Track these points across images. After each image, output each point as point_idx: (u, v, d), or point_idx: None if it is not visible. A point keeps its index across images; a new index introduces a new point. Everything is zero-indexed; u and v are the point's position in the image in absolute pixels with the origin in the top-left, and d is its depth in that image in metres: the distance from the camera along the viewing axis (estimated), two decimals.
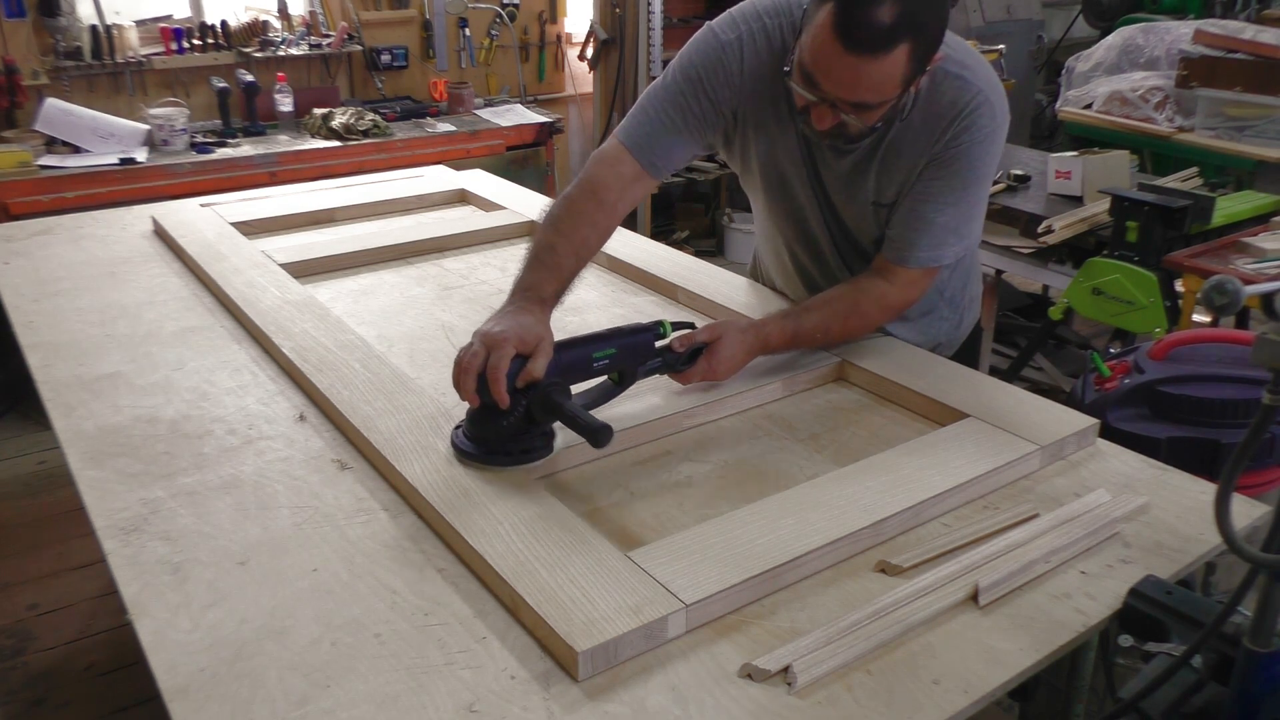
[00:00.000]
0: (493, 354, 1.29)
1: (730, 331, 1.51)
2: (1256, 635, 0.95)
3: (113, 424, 1.47)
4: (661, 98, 1.60)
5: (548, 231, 1.53)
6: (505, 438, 1.33)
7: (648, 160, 1.58)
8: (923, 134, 1.53)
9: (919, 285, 1.63)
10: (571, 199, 1.56)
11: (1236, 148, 3.82)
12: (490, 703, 0.97)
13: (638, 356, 1.45)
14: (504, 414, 1.31)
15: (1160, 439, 1.83)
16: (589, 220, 1.54)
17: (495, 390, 1.28)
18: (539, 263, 1.50)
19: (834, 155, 1.60)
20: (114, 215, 2.46)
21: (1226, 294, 0.85)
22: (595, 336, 1.42)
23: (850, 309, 1.62)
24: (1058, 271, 3.22)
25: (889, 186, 1.59)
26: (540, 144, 4.55)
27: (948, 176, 1.54)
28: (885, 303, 1.63)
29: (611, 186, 1.57)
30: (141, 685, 1.44)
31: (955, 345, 1.88)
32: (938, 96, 1.51)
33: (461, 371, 1.30)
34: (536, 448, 1.35)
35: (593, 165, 1.60)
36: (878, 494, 1.26)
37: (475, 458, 1.33)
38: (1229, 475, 0.91)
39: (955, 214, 1.56)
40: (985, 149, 1.53)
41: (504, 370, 1.28)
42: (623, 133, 1.61)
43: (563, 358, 1.36)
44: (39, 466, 3.43)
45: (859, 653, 1.03)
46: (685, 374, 1.50)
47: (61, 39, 3.80)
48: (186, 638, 1.05)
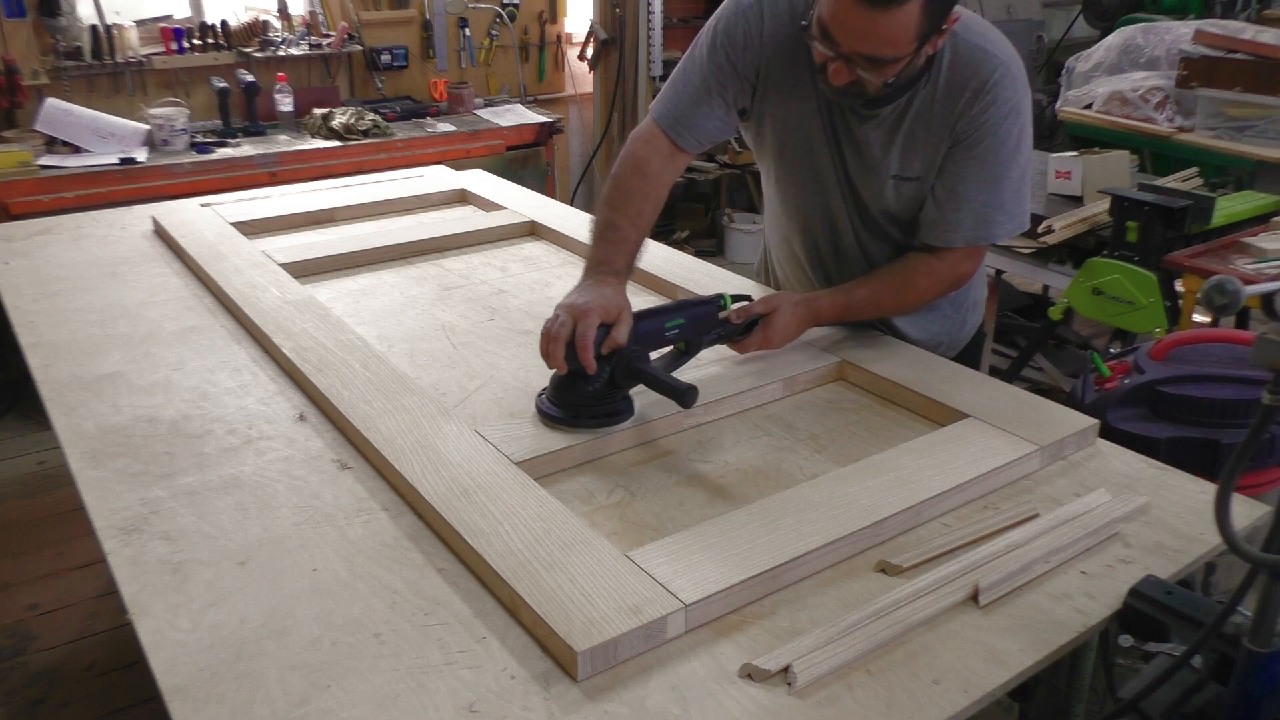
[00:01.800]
0: (580, 323, 1.38)
1: (785, 304, 1.60)
2: (1256, 635, 0.95)
3: (113, 424, 1.47)
4: (688, 69, 1.66)
5: (605, 211, 1.62)
6: (591, 401, 1.42)
7: (678, 134, 1.65)
8: (946, 106, 1.54)
9: (969, 262, 1.67)
10: (619, 177, 1.64)
11: (1236, 148, 3.82)
12: (490, 703, 0.97)
13: (702, 327, 1.55)
14: (590, 379, 1.41)
15: (1160, 439, 1.83)
16: (640, 193, 1.62)
17: (584, 357, 1.37)
18: (604, 240, 1.59)
19: (857, 121, 1.61)
20: (114, 215, 2.46)
21: (1226, 294, 0.85)
22: (666, 308, 1.54)
23: (902, 282, 1.67)
24: (1058, 271, 3.22)
25: (913, 159, 1.60)
26: (540, 144, 4.55)
27: (981, 155, 1.55)
28: (936, 276, 1.66)
29: (652, 160, 1.65)
30: (141, 685, 1.44)
31: (957, 347, 1.88)
32: (960, 68, 1.53)
33: (551, 340, 1.39)
34: (621, 410, 1.46)
35: (631, 144, 1.68)
36: (878, 494, 1.26)
37: (564, 421, 1.43)
38: (1229, 475, 0.91)
39: (996, 191, 1.58)
40: (1013, 123, 1.54)
41: (592, 338, 1.38)
42: (655, 110, 1.68)
43: (640, 327, 1.46)
44: (39, 466, 3.43)
45: (859, 653, 1.03)
46: (742, 344, 1.59)
47: (61, 39, 3.80)
48: (186, 638, 1.05)
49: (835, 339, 1.72)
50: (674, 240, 5.28)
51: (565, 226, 2.29)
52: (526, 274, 2.11)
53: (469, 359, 1.71)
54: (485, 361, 1.70)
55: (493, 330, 1.82)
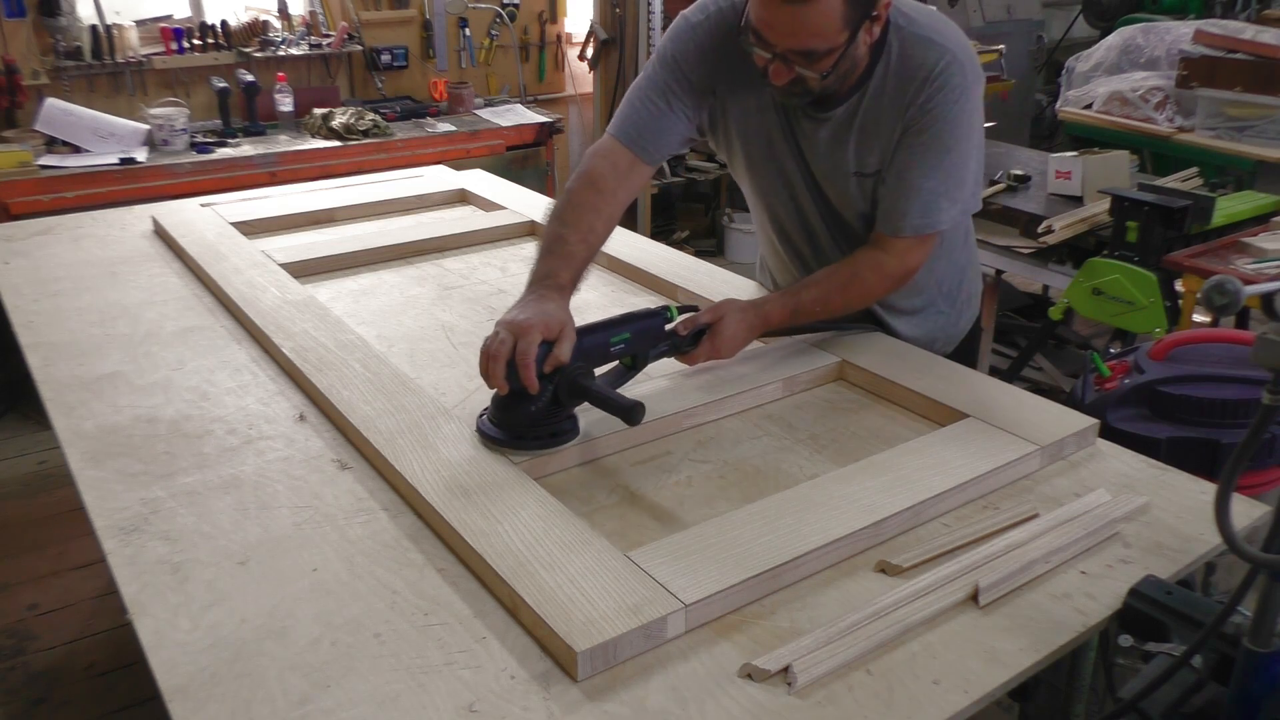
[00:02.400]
0: (520, 340, 1.33)
1: (731, 312, 1.56)
2: (1256, 635, 0.95)
3: (113, 424, 1.47)
4: (644, 87, 1.66)
5: (554, 224, 1.58)
6: (534, 422, 1.37)
7: (639, 147, 1.64)
8: (896, 99, 1.55)
9: (916, 253, 1.63)
10: (572, 192, 1.62)
11: (1236, 148, 3.82)
12: (490, 703, 0.97)
13: (649, 340, 1.50)
14: (533, 399, 1.35)
15: (1160, 439, 1.83)
16: (591, 208, 1.59)
17: (525, 376, 1.32)
18: (551, 253, 1.54)
19: (811, 125, 1.62)
20: (114, 215, 2.46)
21: (1226, 294, 0.85)
22: (610, 322, 1.47)
23: (849, 279, 1.64)
24: (1058, 271, 3.22)
25: (869, 155, 1.60)
26: (540, 144, 4.55)
27: (928, 141, 1.55)
28: (884, 271, 1.63)
29: (608, 176, 1.62)
30: (141, 685, 1.44)
31: (954, 342, 1.88)
32: (907, 60, 1.53)
33: (490, 359, 1.33)
34: (565, 430, 1.40)
35: (588, 160, 1.65)
36: (878, 494, 1.26)
37: (504, 443, 1.36)
38: (1229, 475, 0.91)
39: (942, 177, 1.57)
40: (961, 108, 1.54)
41: (533, 356, 1.32)
42: (612, 127, 1.67)
43: (583, 343, 1.40)
44: (39, 466, 3.43)
45: (859, 653, 1.03)
46: (691, 355, 1.55)
47: (61, 39, 3.80)
48: (186, 638, 1.05)
49: (835, 339, 1.72)
50: (674, 240, 5.28)
51: None
52: (526, 274, 2.10)
53: (469, 359, 1.71)
54: None
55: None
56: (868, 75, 1.55)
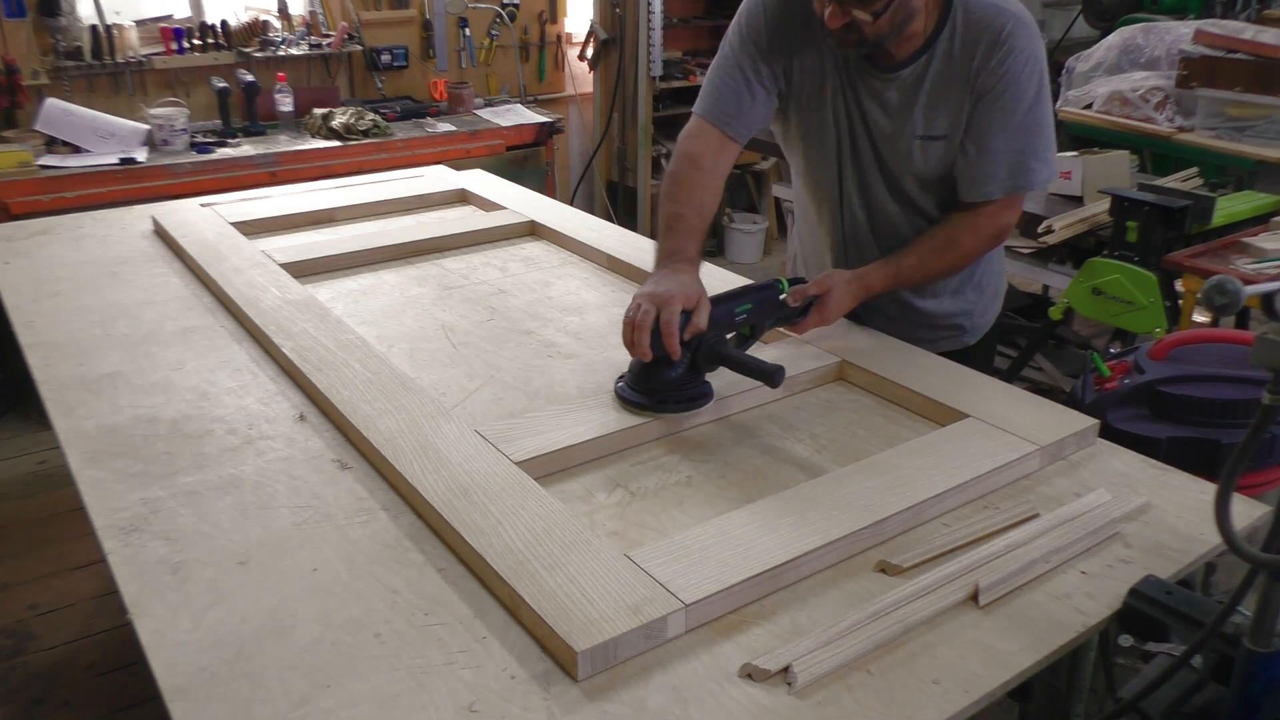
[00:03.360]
0: (663, 311, 1.41)
1: (837, 283, 1.65)
2: (1256, 635, 0.95)
3: (113, 424, 1.47)
4: (721, 67, 1.73)
5: (668, 204, 1.66)
6: (675, 386, 1.46)
7: (726, 125, 1.71)
8: (964, 63, 1.60)
9: (1008, 213, 1.71)
10: (676, 173, 1.69)
11: (1236, 148, 3.82)
12: (490, 703, 0.97)
13: (767, 311, 1.59)
14: (674, 365, 1.44)
15: (1160, 439, 1.83)
16: (700, 185, 1.67)
17: (669, 343, 1.41)
18: (673, 231, 1.62)
19: (879, 85, 1.66)
20: (114, 215, 2.46)
21: (1226, 294, 0.85)
22: (735, 293, 1.56)
23: (946, 242, 1.71)
24: (1058, 271, 3.22)
25: (938, 118, 1.65)
26: (540, 144, 4.55)
27: (1004, 104, 1.60)
28: (979, 232, 1.70)
29: (704, 154, 1.70)
30: (141, 685, 1.44)
31: (977, 333, 1.94)
32: (973, 24, 1.59)
33: (636, 328, 1.41)
34: (703, 394, 1.49)
35: (682, 143, 1.73)
36: (878, 494, 1.26)
37: (647, 407, 1.46)
38: (1229, 475, 0.91)
39: (1026, 138, 1.62)
40: (1031, 70, 1.59)
41: (676, 324, 1.40)
42: (698, 108, 1.74)
43: (715, 312, 1.48)
44: (39, 466, 3.43)
45: (859, 653, 1.03)
46: (801, 325, 1.65)
47: (61, 39, 3.80)
48: (186, 638, 1.05)
49: (835, 339, 1.72)
50: None
51: (565, 226, 2.29)
52: (526, 274, 2.11)
53: (469, 359, 1.71)
54: (485, 361, 1.70)
55: (493, 330, 1.82)
56: (934, 39, 1.61)
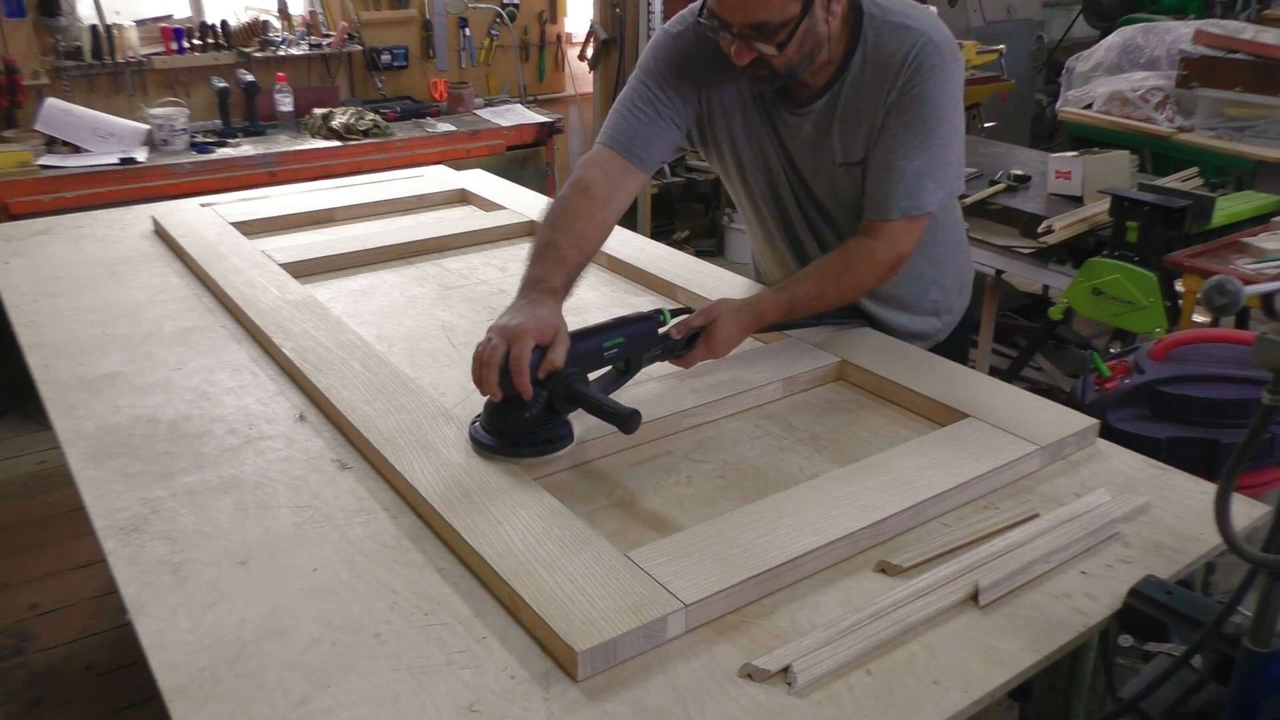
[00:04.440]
0: (513, 346, 1.30)
1: (725, 312, 1.55)
2: (1256, 635, 0.95)
3: (113, 424, 1.47)
4: (629, 98, 1.69)
5: (546, 230, 1.59)
6: (528, 429, 1.33)
7: (631, 154, 1.66)
8: (876, 86, 1.57)
9: (906, 238, 1.63)
10: (564, 199, 1.62)
11: (1236, 148, 3.82)
12: (490, 703, 0.97)
13: (643, 344, 1.48)
14: (527, 405, 1.32)
15: (1160, 439, 1.83)
16: (584, 214, 1.59)
17: (519, 382, 1.29)
18: (543, 258, 1.53)
19: (794, 121, 1.65)
20: (114, 215, 2.46)
21: (1226, 294, 0.85)
22: (603, 326, 1.45)
23: (841, 269, 1.64)
24: (1058, 271, 3.22)
25: (854, 143, 1.62)
26: (540, 144, 4.55)
27: (910, 122, 1.56)
28: (875, 259, 1.63)
29: (600, 183, 1.63)
30: (141, 685, 1.44)
31: (947, 330, 1.91)
32: (883, 47, 1.56)
33: (483, 365, 1.31)
34: (561, 437, 1.37)
35: (579, 169, 1.66)
36: (878, 494, 1.26)
37: (498, 451, 1.33)
38: (1229, 475, 0.91)
39: (926, 158, 1.58)
40: (940, 87, 1.55)
41: (526, 362, 1.30)
42: (602, 135, 1.69)
43: (577, 348, 1.38)
44: (39, 466, 3.43)
45: (859, 653, 1.03)
46: (686, 358, 1.54)
47: (61, 39, 3.80)
48: (186, 638, 1.05)
49: (835, 339, 1.72)
50: (674, 240, 5.28)
51: None
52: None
53: (469, 359, 1.69)
54: None
55: None
56: (845, 66, 1.59)
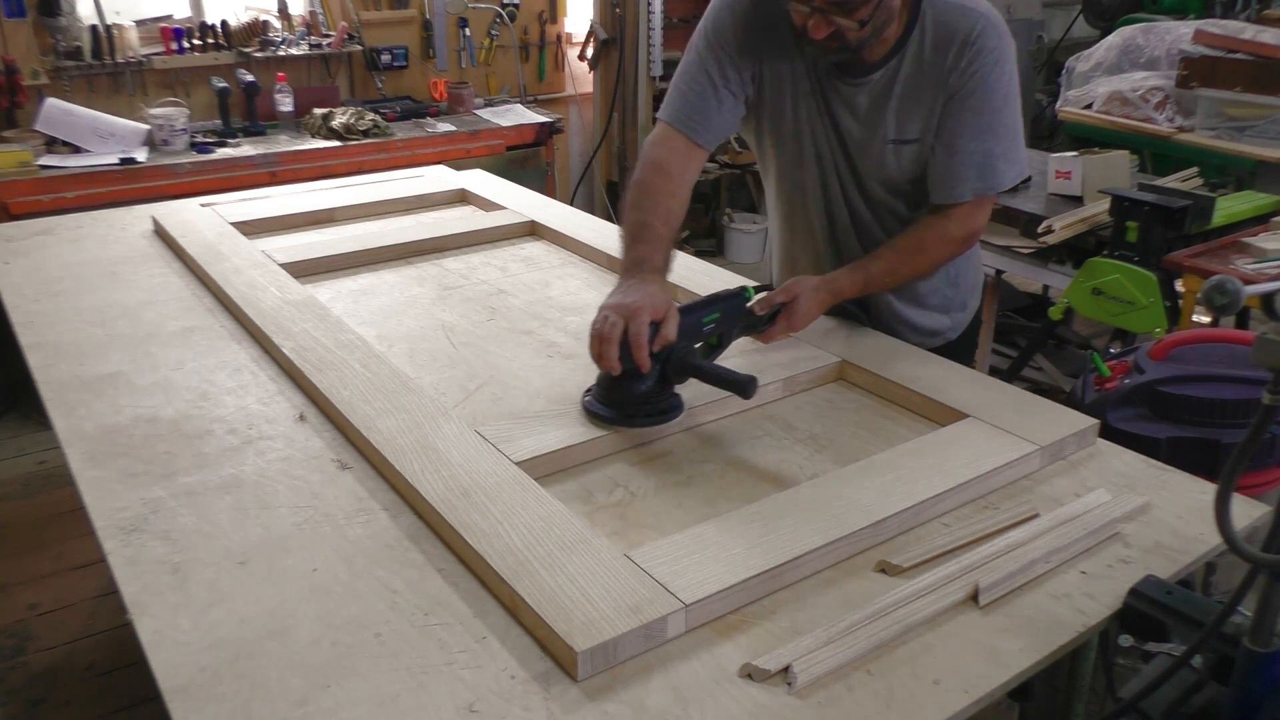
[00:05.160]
0: (631, 323, 1.38)
1: (805, 290, 1.63)
2: (1256, 635, 0.95)
3: (113, 424, 1.47)
4: (687, 72, 1.70)
5: (634, 212, 1.63)
6: (644, 400, 1.43)
7: (694, 132, 1.68)
8: (934, 65, 1.60)
9: (977, 216, 1.69)
10: (642, 181, 1.66)
11: (1236, 148, 3.82)
12: (490, 703, 0.97)
13: (734, 319, 1.56)
14: (643, 378, 1.41)
15: (1160, 439, 1.83)
16: (665, 193, 1.64)
17: (639, 356, 1.38)
18: (639, 240, 1.58)
19: (849, 91, 1.66)
20: (114, 215, 2.46)
21: (1226, 294, 0.85)
22: (701, 303, 1.53)
23: (914, 246, 1.70)
24: (1058, 271, 3.22)
25: (908, 121, 1.65)
26: (540, 144, 4.55)
27: (974, 106, 1.60)
28: (947, 236, 1.69)
29: (671, 161, 1.67)
30: (141, 685, 1.44)
31: (959, 328, 1.93)
32: (942, 26, 1.59)
33: (604, 341, 1.38)
34: (674, 406, 1.46)
35: (648, 149, 1.70)
36: (878, 494, 1.26)
37: (616, 421, 1.43)
38: (1229, 475, 0.91)
39: (995, 140, 1.62)
40: (1001, 70, 1.59)
41: (645, 337, 1.38)
42: (663, 113, 1.71)
43: (683, 323, 1.45)
44: (39, 466, 3.43)
45: (859, 653, 1.03)
46: (768, 333, 1.62)
47: (61, 39, 3.80)
48: (186, 638, 1.05)
49: (835, 339, 1.72)
50: None
51: (565, 226, 2.29)
52: (526, 274, 2.11)
53: (469, 359, 1.71)
54: (485, 361, 1.70)
55: (493, 330, 1.82)
56: (903, 42, 1.60)
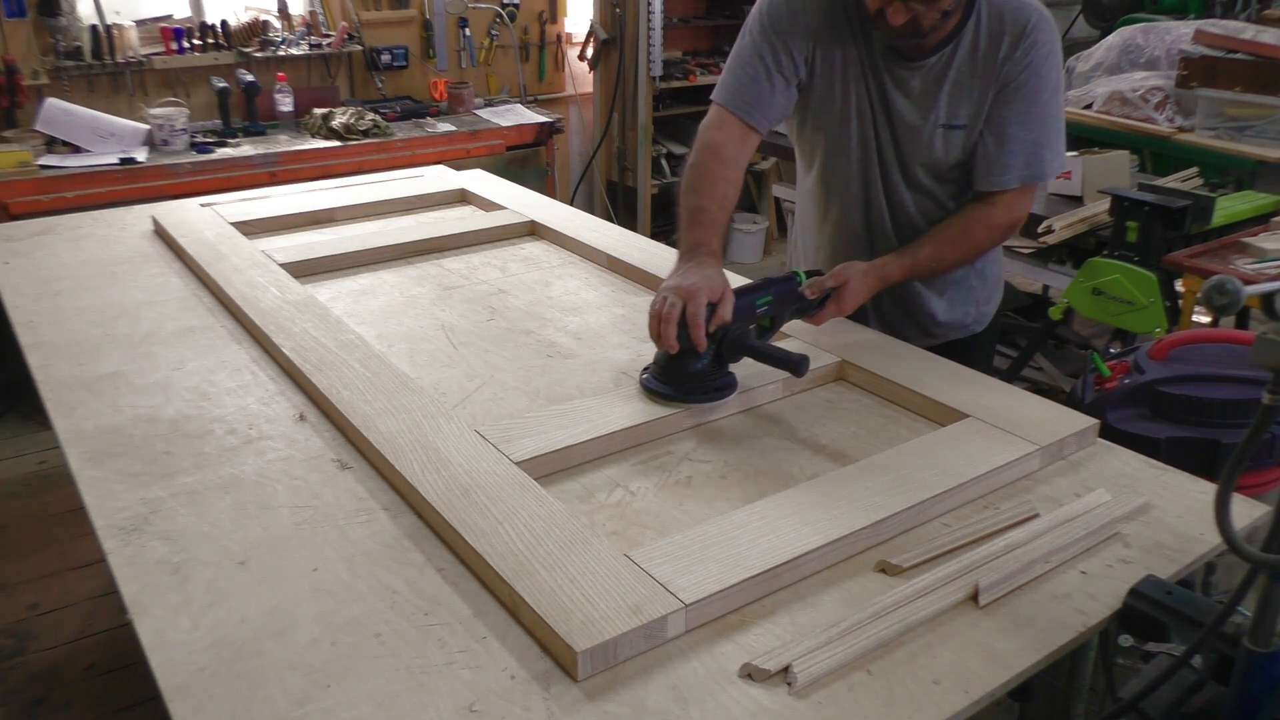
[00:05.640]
0: (689, 304, 1.44)
1: (854, 275, 1.68)
2: (1256, 635, 0.95)
3: (113, 424, 1.47)
4: (741, 55, 1.73)
5: (691, 196, 1.66)
6: (700, 378, 1.49)
7: (748, 115, 1.71)
8: (989, 54, 1.64)
9: (1022, 203, 1.74)
10: (698, 165, 1.70)
11: (1236, 148, 3.82)
12: (490, 703, 0.97)
13: (786, 303, 1.61)
14: (700, 356, 1.47)
15: (1160, 439, 1.83)
16: (721, 178, 1.68)
17: (696, 335, 1.43)
18: (696, 224, 1.63)
19: (905, 74, 1.68)
20: (114, 215, 2.46)
21: (1226, 294, 0.85)
22: (755, 286, 1.58)
23: (960, 234, 1.74)
24: (1058, 271, 3.22)
25: (960, 106, 1.68)
26: (540, 144, 4.55)
27: (1026, 95, 1.65)
28: (992, 223, 1.74)
29: (726, 145, 1.70)
30: (141, 685, 1.44)
31: (984, 321, 1.97)
32: (998, 17, 1.64)
33: (663, 321, 1.44)
34: (728, 384, 1.52)
35: (703, 133, 1.73)
36: (878, 494, 1.26)
37: (673, 398, 1.49)
38: (1229, 475, 0.91)
39: (1042, 130, 1.68)
40: (1052, 63, 1.65)
41: (703, 317, 1.43)
42: (719, 96, 1.74)
43: (737, 305, 1.51)
44: (39, 466, 3.43)
45: (859, 653, 1.03)
46: (818, 316, 1.68)
47: (61, 39, 3.80)
48: (186, 638, 1.05)
49: (835, 339, 1.72)
50: (674, 240, 5.26)
51: (565, 226, 2.29)
52: (526, 274, 2.11)
53: (469, 359, 1.71)
54: (485, 361, 1.70)
55: (493, 330, 1.82)
56: (959, 29, 1.63)
